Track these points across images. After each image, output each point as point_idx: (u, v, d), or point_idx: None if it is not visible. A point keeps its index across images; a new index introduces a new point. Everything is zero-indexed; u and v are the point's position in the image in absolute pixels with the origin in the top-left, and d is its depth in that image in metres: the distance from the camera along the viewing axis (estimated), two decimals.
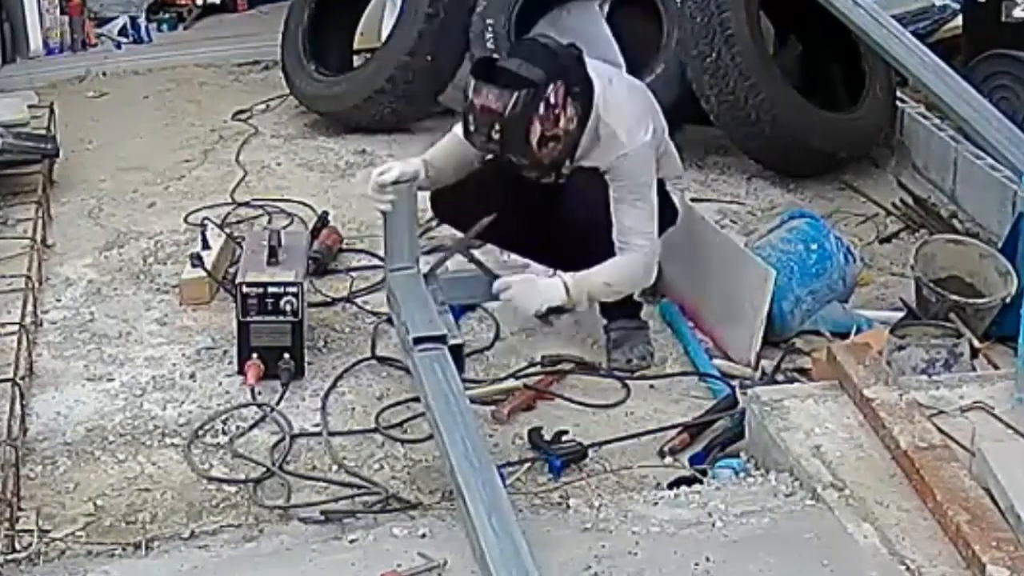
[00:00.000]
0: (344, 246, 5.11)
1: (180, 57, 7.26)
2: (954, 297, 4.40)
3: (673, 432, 3.94)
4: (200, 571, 3.26)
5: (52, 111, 5.94)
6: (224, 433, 3.97)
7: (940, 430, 3.45)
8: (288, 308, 4.16)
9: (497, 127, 3.97)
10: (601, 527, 3.29)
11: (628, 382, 4.24)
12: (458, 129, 4.22)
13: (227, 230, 5.11)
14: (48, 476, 3.77)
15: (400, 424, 3.99)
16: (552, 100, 4.01)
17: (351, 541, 3.30)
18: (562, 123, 4.05)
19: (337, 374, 4.24)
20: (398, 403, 4.08)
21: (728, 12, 5.56)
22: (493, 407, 4.05)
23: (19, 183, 5.46)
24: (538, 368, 4.30)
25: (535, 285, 4.21)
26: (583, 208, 4.16)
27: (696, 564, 3.12)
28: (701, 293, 4.54)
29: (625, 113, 4.19)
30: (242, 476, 3.76)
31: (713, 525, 3.28)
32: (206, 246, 4.79)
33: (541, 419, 4.01)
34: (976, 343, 4.16)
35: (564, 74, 4.05)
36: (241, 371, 4.20)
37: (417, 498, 3.61)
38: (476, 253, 4.43)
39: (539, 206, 4.25)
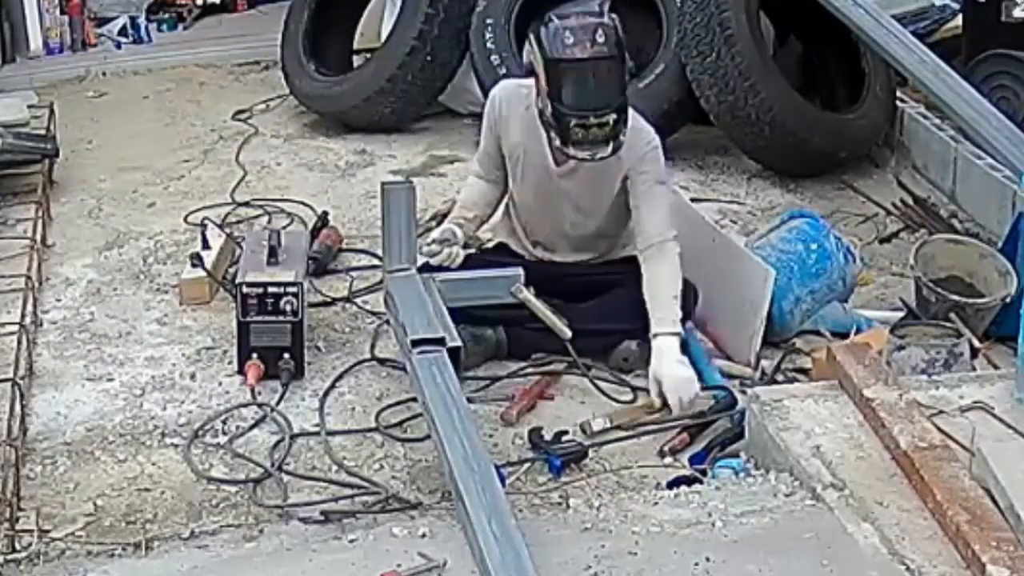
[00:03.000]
0: (344, 246, 5.11)
1: (180, 57, 7.27)
2: (954, 297, 4.40)
3: (673, 432, 3.94)
4: (200, 571, 3.26)
5: (52, 111, 5.95)
6: (224, 433, 3.97)
7: (940, 430, 3.45)
8: (288, 308, 4.16)
9: (601, 31, 3.97)
10: (601, 527, 3.29)
11: (631, 382, 4.23)
12: (473, 178, 4.45)
13: (227, 230, 5.11)
14: (48, 476, 3.77)
15: (400, 424, 3.99)
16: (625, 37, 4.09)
17: (351, 541, 3.30)
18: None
19: (337, 374, 4.24)
20: (398, 403, 4.08)
21: (728, 12, 5.56)
22: (501, 408, 4.06)
23: (19, 183, 5.46)
24: (540, 368, 4.30)
25: (676, 369, 4.04)
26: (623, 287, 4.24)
27: (696, 564, 3.12)
28: (701, 293, 4.53)
29: (634, 113, 4.25)
30: (242, 476, 3.76)
31: (713, 525, 3.28)
32: (206, 246, 4.79)
33: (541, 419, 4.02)
34: (976, 343, 4.16)
35: None
36: (241, 371, 4.20)
37: (417, 498, 3.61)
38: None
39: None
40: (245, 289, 4.17)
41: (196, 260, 4.68)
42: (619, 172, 4.21)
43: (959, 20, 6.27)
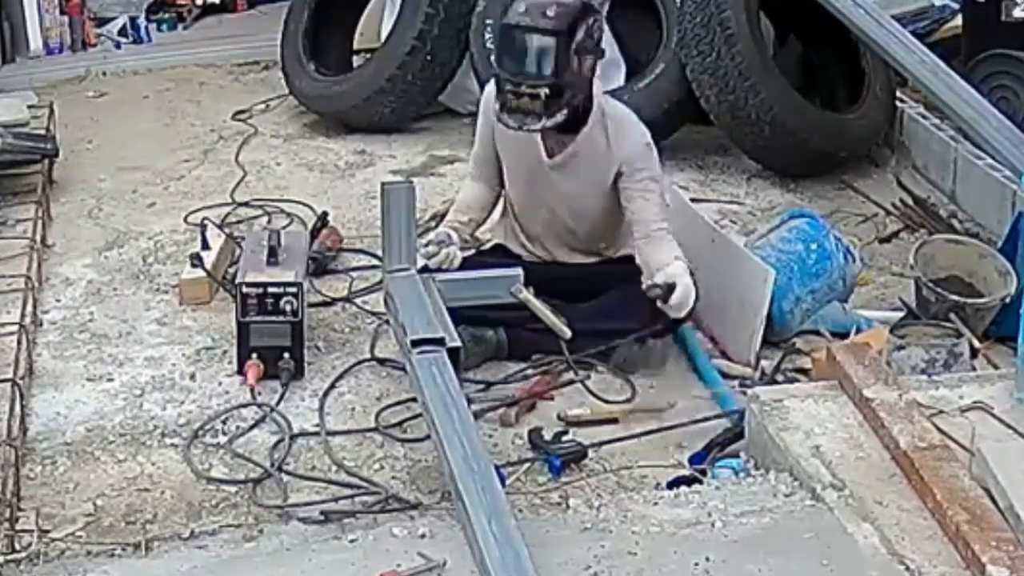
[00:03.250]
0: (344, 246, 5.11)
1: (180, 57, 7.27)
2: (954, 297, 4.40)
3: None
4: (200, 571, 3.26)
5: (52, 111, 5.95)
6: (224, 433, 3.97)
7: (940, 430, 3.45)
8: (288, 308, 4.16)
9: (555, 8, 4.06)
10: (601, 527, 3.29)
11: (632, 380, 4.24)
12: (467, 181, 4.44)
13: (227, 230, 5.11)
14: (48, 476, 3.77)
15: (400, 424, 3.99)
16: (593, 24, 4.13)
17: (351, 541, 3.30)
18: (589, 59, 4.13)
19: (337, 374, 4.24)
20: (398, 403, 4.08)
21: (728, 12, 5.56)
22: (500, 410, 4.06)
23: (19, 183, 5.46)
24: (539, 369, 4.29)
25: (686, 284, 4.12)
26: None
27: (696, 564, 3.12)
28: (701, 293, 4.53)
29: (628, 111, 4.30)
30: (242, 476, 3.76)
31: (713, 525, 3.28)
32: (206, 246, 4.79)
33: (541, 419, 4.02)
34: (976, 343, 4.16)
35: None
36: (241, 371, 4.20)
37: (417, 498, 3.61)
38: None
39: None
40: (245, 289, 4.17)
41: (196, 260, 4.68)
42: (611, 167, 4.23)
43: (959, 20, 6.27)
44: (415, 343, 3.86)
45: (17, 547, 3.38)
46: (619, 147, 4.22)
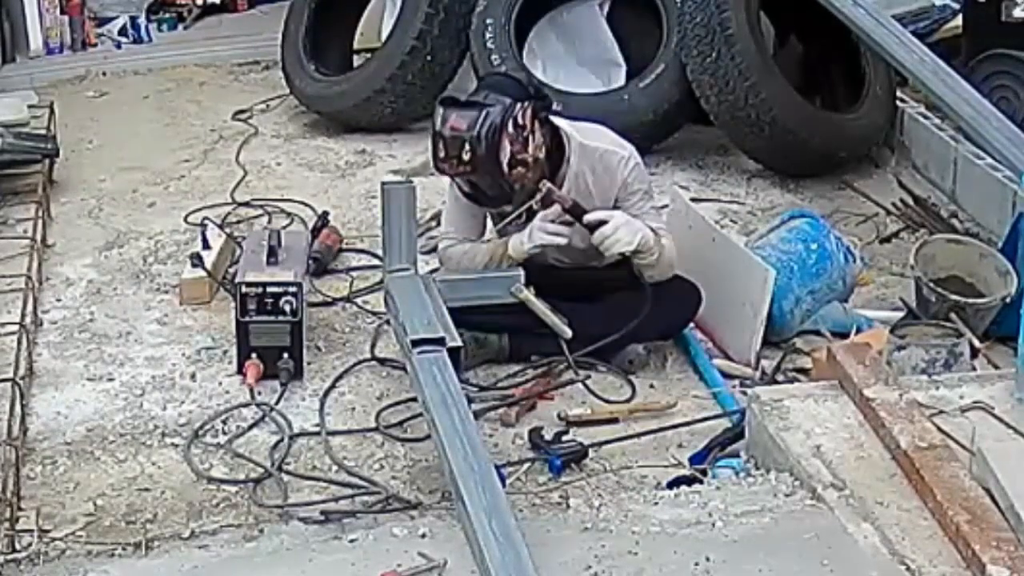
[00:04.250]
0: (344, 246, 5.11)
1: (180, 57, 7.27)
2: (954, 297, 4.40)
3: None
4: (200, 571, 3.26)
5: (52, 111, 5.95)
6: (224, 433, 3.97)
7: (940, 430, 3.45)
8: (287, 308, 4.16)
9: (467, 147, 4.00)
10: (601, 527, 3.29)
11: (632, 380, 4.25)
12: (450, 249, 4.35)
13: (227, 230, 5.11)
14: (48, 476, 3.77)
15: (400, 424, 3.99)
16: (520, 121, 4.06)
17: (351, 541, 3.30)
18: (531, 147, 4.10)
19: (337, 374, 4.24)
20: (398, 403, 4.08)
21: (728, 12, 5.56)
22: (500, 410, 4.06)
23: (19, 183, 5.47)
24: (539, 370, 4.30)
25: (633, 223, 4.14)
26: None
27: (696, 564, 3.12)
28: (701, 292, 4.53)
29: (602, 132, 4.32)
30: (242, 476, 3.76)
31: (713, 525, 3.28)
32: (206, 246, 4.79)
33: (541, 419, 4.02)
34: (976, 343, 4.16)
35: (530, 98, 4.12)
36: (241, 371, 4.20)
37: (417, 498, 3.61)
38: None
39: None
40: (244, 289, 4.17)
41: (196, 260, 4.68)
42: (609, 197, 4.25)
43: (959, 20, 6.27)
44: (415, 343, 3.85)
45: (17, 547, 3.38)
46: (612, 180, 4.23)
